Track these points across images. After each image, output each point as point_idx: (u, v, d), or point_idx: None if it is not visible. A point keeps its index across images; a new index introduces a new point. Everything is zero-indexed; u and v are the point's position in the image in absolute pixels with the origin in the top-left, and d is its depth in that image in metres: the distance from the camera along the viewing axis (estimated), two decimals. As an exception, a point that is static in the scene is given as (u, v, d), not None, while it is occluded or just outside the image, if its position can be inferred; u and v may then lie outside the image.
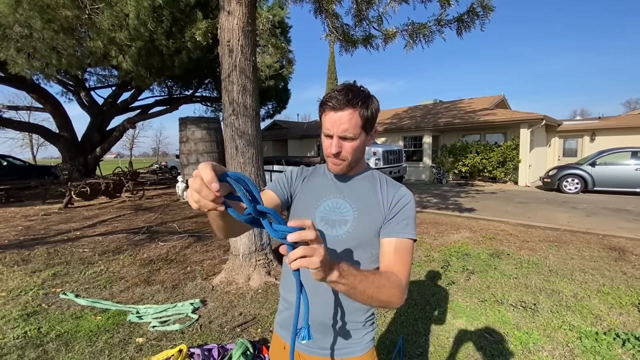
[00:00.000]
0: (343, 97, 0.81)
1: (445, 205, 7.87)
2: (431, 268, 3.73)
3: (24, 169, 12.88)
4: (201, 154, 9.24)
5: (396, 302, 0.76)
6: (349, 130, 0.82)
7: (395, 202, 0.89)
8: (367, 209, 0.90)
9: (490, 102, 14.91)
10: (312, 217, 0.92)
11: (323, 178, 0.99)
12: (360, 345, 0.91)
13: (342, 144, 0.85)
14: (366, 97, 0.84)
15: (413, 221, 0.89)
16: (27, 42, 6.25)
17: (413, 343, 2.31)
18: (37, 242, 4.83)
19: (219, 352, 2.12)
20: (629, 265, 3.70)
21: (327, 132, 0.85)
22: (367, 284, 0.69)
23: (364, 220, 0.88)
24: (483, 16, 3.93)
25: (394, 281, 0.76)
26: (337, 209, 0.91)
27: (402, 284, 0.77)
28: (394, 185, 0.94)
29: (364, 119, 0.83)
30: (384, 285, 0.73)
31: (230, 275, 3.37)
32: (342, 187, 0.95)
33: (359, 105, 0.82)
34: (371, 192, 0.92)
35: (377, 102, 0.88)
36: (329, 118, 0.83)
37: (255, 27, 3.30)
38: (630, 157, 8.98)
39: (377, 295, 0.71)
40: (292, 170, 1.04)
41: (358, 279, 0.67)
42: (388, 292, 0.73)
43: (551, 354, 2.16)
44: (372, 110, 0.85)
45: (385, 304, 0.75)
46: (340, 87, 0.84)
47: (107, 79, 12.56)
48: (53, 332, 2.42)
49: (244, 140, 3.20)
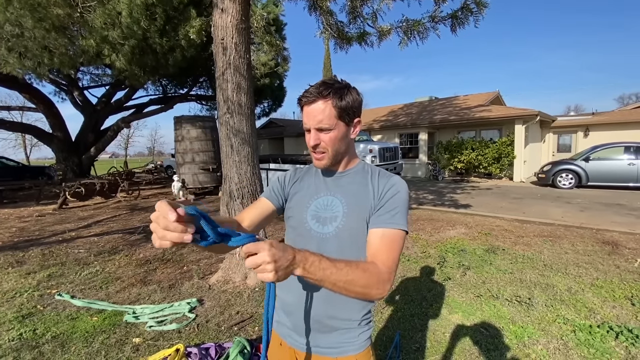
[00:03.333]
0: (314, 89, 0.83)
1: (441, 201, 7.91)
2: (427, 264, 3.75)
3: (17, 169, 12.76)
4: (197, 152, 9.20)
5: (374, 293, 0.73)
6: (323, 121, 0.83)
7: (385, 191, 0.88)
8: (356, 201, 0.89)
9: (486, 99, 14.98)
10: (304, 216, 0.93)
11: (315, 178, 0.99)
12: (355, 344, 0.90)
13: (319, 135, 0.86)
14: (340, 87, 0.84)
15: (403, 211, 0.85)
16: (19, 41, 6.17)
17: (410, 339, 2.33)
18: (31, 243, 4.79)
19: (216, 351, 2.12)
20: (622, 259, 3.74)
21: (305, 126, 0.87)
22: (338, 276, 0.68)
23: (354, 213, 0.88)
24: (477, 13, 3.94)
25: (372, 272, 0.74)
26: (328, 206, 0.92)
27: (381, 275, 0.75)
28: (386, 175, 0.93)
29: (339, 109, 0.83)
30: (359, 277, 0.71)
31: (227, 274, 3.36)
32: (332, 184, 0.95)
33: (331, 96, 0.82)
34: (362, 184, 0.92)
35: (356, 93, 0.88)
36: (305, 112, 0.85)
37: (249, 24, 3.28)
38: (623, 152, 9.08)
39: (350, 287, 0.70)
40: (285, 175, 1.06)
41: (328, 272, 0.66)
42: (364, 283, 0.71)
43: (546, 347, 2.19)
44: (348, 101, 0.84)
45: (361, 296, 0.73)
46: (317, 83, 0.85)
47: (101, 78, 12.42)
48: (49, 334, 2.40)
49: (239, 139, 3.19)
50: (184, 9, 7.58)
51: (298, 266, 0.63)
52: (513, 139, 11.66)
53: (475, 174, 13.02)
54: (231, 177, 3.25)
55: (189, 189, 8.94)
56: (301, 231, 0.93)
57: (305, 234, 0.92)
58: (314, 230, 0.91)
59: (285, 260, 0.60)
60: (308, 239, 0.91)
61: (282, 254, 0.59)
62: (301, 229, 0.93)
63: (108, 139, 12.89)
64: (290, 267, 0.61)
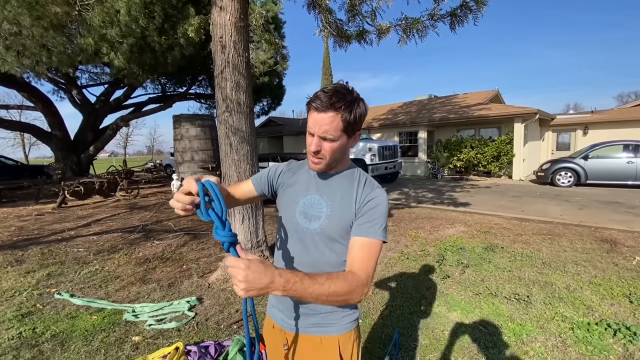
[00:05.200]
0: (327, 99, 0.83)
1: (441, 200, 7.92)
2: (426, 262, 3.76)
3: (16, 168, 12.71)
4: (196, 151, 9.18)
5: (355, 298, 0.79)
6: (329, 132, 0.85)
7: (365, 202, 0.92)
8: (339, 206, 0.94)
9: (485, 97, 14.97)
10: (294, 211, 0.99)
11: (307, 174, 1.03)
12: (338, 325, 0.97)
13: (321, 143, 0.88)
14: (352, 101, 0.85)
15: (382, 222, 0.90)
16: (16, 39, 6.13)
17: (409, 336, 2.34)
18: (30, 242, 4.78)
19: (216, 349, 2.12)
20: (620, 257, 3.75)
21: (309, 130, 0.89)
22: (321, 290, 0.73)
23: (335, 217, 0.93)
24: (476, 10, 3.93)
25: (352, 280, 0.79)
26: (314, 204, 0.97)
27: (360, 281, 0.80)
28: (370, 186, 0.96)
29: (346, 123, 0.85)
30: (341, 287, 0.76)
31: (227, 273, 3.37)
32: (322, 184, 0.99)
33: (342, 109, 0.83)
34: (347, 190, 0.96)
35: (364, 107, 0.89)
36: (312, 117, 0.86)
37: (248, 22, 3.27)
38: (622, 150, 9.09)
39: (332, 298, 0.75)
40: (278, 166, 1.11)
41: (310, 289, 0.72)
42: (346, 291, 0.77)
43: (544, 344, 2.20)
44: (355, 115, 0.86)
45: (344, 303, 0.79)
46: (329, 88, 0.86)
47: (99, 76, 12.38)
48: (48, 332, 2.41)
49: (238, 137, 3.19)
50: (182, 7, 7.55)
51: (276, 289, 0.68)
52: (512, 137, 11.67)
53: (475, 173, 13.03)
54: (230, 176, 3.25)
55: (188, 188, 8.92)
56: (290, 224, 1.00)
57: (293, 227, 0.99)
58: (301, 225, 0.97)
59: (259, 284, 0.65)
60: (295, 232, 0.99)
61: (257, 277, 0.65)
62: (290, 222, 1.00)
63: (107, 137, 12.86)
64: (265, 289, 0.67)
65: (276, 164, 1.12)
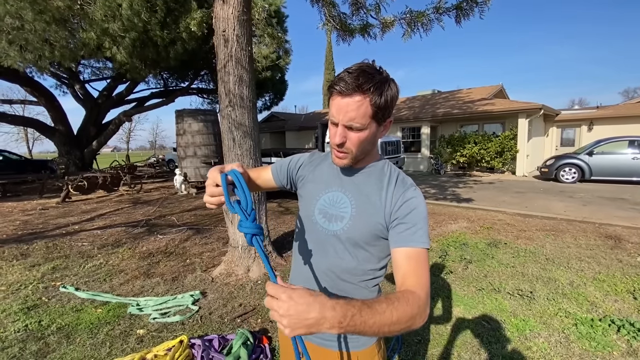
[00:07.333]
0: (353, 80, 0.70)
1: (444, 195, 7.90)
2: (429, 258, 3.75)
3: (20, 163, 12.79)
4: (198, 146, 9.18)
5: (418, 323, 0.65)
6: (356, 119, 0.73)
7: (400, 205, 0.79)
8: (366, 207, 0.82)
9: (489, 92, 14.85)
10: (312, 209, 0.90)
11: (329, 168, 0.92)
12: (360, 340, 0.88)
13: (347, 133, 0.76)
14: (382, 81, 0.73)
15: (424, 227, 0.77)
16: (19, 34, 6.12)
17: (411, 332, 2.34)
18: (35, 236, 4.82)
19: (220, 342, 2.14)
20: (624, 253, 3.73)
21: (332, 119, 0.76)
22: (383, 321, 0.59)
23: (361, 220, 0.82)
24: (482, 4, 3.87)
25: (414, 302, 0.65)
26: (337, 203, 0.86)
27: (421, 301, 0.67)
28: (403, 185, 0.83)
29: (376, 108, 0.73)
30: (404, 312, 0.62)
31: (230, 267, 3.38)
32: (346, 180, 0.87)
33: (371, 92, 0.71)
34: (376, 188, 0.83)
35: (396, 88, 0.76)
36: (336, 104, 0.74)
37: (250, 16, 3.24)
38: (627, 146, 9.00)
39: (394, 328, 0.61)
40: (300, 157, 1.01)
41: (370, 322, 0.58)
42: (409, 316, 0.63)
43: (547, 340, 2.20)
44: (386, 98, 0.73)
45: (406, 330, 0.65)
46: (354, 68, 0.73)
47: (102, 71, 12.39)
48: (54, 325, 2.43)
49: (241, 132, 3.18)
50: (184, 1, 7.50)
51: (331, 327, 0.54)
52: (516, 132, 11.58)
53: (478, 168, 12.96)
54: (233, 171, 3.24)
55: (190, 183, 8.96)
56: (307, 223, 0.91)
57: (311, 227, 0.90)
58: (320, 225, 0.87)
59: (306, 320, 0.52)
60: (312, 232, 0.90)
61: (302, 311, 0.52)
62: (308, 220, 0.91)
63: (110, 132, 12.90)
64: (314, 327, 0.53)
65: (298, 155, 1.02)
